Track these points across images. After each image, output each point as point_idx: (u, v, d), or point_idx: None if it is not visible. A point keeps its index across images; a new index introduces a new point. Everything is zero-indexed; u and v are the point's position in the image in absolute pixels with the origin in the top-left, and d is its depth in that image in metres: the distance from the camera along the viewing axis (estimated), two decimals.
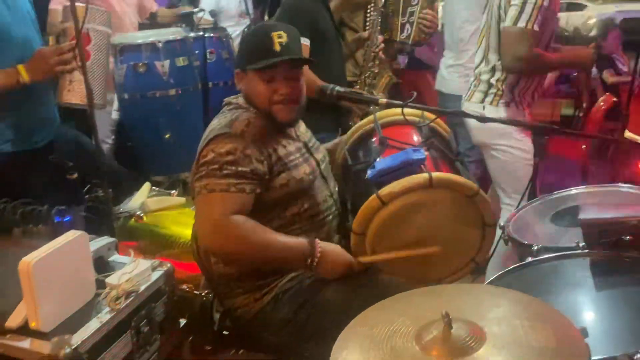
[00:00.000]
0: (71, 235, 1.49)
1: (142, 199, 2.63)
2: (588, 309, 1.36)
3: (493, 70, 2.52)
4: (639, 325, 1.26)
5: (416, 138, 1.97)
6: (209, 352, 1.99)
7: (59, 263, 1.44)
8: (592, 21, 5.19)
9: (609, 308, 1.34)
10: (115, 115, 3.33)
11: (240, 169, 1.68)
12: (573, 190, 1.93)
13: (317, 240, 1.71)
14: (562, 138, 3.87)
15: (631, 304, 1.33)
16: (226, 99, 1.91)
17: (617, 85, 4.71)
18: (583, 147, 4.10)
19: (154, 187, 2.78)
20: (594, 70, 4.96)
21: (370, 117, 2.02)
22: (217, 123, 1.81)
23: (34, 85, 2.18)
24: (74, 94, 2.28)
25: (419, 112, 1.98)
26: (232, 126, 1.74)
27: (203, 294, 2.12)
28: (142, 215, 2.55)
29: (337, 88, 1.80)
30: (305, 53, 2.31)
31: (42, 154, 2.35)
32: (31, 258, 1.37)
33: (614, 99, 4.24)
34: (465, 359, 0.97)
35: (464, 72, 3.17)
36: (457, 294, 1.19)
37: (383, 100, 1.76)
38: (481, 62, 2.58)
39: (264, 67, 1.73)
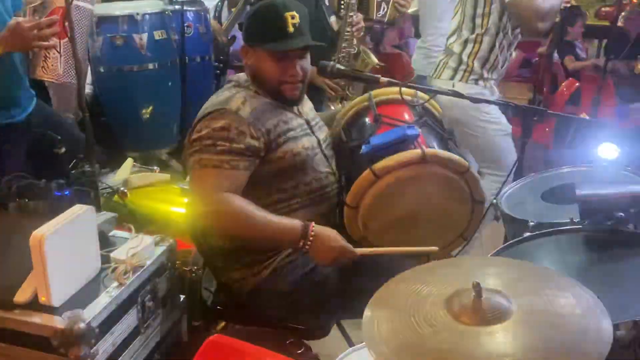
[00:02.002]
0: (79, 209, 1.47)
1: (125, 175, 2.58)
2: (586, 281, 1.44)
3: (465, 43, 2.58)
4: (635, 296, 1.35)
5: (409, 116, 2.01)
6: (200, 327, 2.01)
7: (68, 237, 1.42)
8: None
9: (606, 280, 1.42)
10: (88, 89, 3.22)
11: (234, 145, 1.69)
12: (561, 170, 2.02)
13: (312, 224, 1.71)
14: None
15: (627, 276, 1.42)
16: (229, 77, 1.91)
17: (577, 71, 4.90)
18: (547, 129, 4.28)
19: (135, 164, 2.72)
20: (556, 55, 5.14)
21: (365, 95, 2.05)
22: (214, 99, 1.81)
23: (9, 57, 2.10)
24: (47, 70, 2.21)
25: (412, 91, 2.03)
26: (228, 103, 1.75)
27: (192, 269, 2.13)
28: (126, 191, 2.50)
29: (338, 65, 1.82)
30: None
31: (22, 128, 2.28)
32: (43, 231, 1.34)
33: (576, 84, 4.42)
34: (497, 326, 1.02)
35: (428, 53, 3.24)
36: (477, 266, 1.25)
37: (384, 80, 1.79)
38: (453, 35, 2.64)
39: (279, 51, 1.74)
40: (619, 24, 4.82)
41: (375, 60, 2.97)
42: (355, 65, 2.89)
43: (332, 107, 2.76)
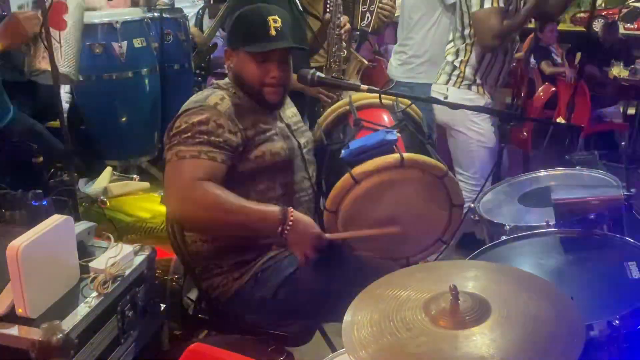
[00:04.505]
0: (57, 219, 1.45)
1: (104, 183, 2.56)
2: (561, 282, 1.47)
3: (457, 52, 2.67)
4: (608, 296, 1.38)
5: (389, 121, 2.03)
6: (181, 336, 2.00)
7: (46, 247, 1.41)
8: None
9: (580, 281, 1.45)
10: (66, 97, 3.20)
11: (212, 138, 1.70)
12: (537, 173, 2.05)
13: (290, 209, 1.71)
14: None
15: (601, 278, 1.45)
16: (212, 81, 1.92)
17: (554, 76, 4.99)
18: (524, 134, 4.34)
19: (114, 172, 2.71)
20: (532, 61, 5.23)
21: (345, 100, 2.07)
22: (194, 98, 1.84)
23: None
24: (48, 60, 2.19)
25: (392, 97, 2.04)
26: (206, 99, 1.78)
27: (173, 278, 2.12)
28: (105, 200, 2.48)
29: (318, 74, 1.84)
30: None
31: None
32: (20, 242, 1.33)
33: (553, 89, 4.50)
34: (474, 329, 1.04)
35: (405, 59, 3.27)
36: (455, 270, 1.26)
37: (364, 87, 1.80)
38: (449, 43, 2.71)
39: (260, 52, 1.76)
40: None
41: (365, 61, 3.00)
42: (348, 70, 2.92)
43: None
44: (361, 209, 1.80)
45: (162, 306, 1.83)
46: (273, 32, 1.76)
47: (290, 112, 2.00)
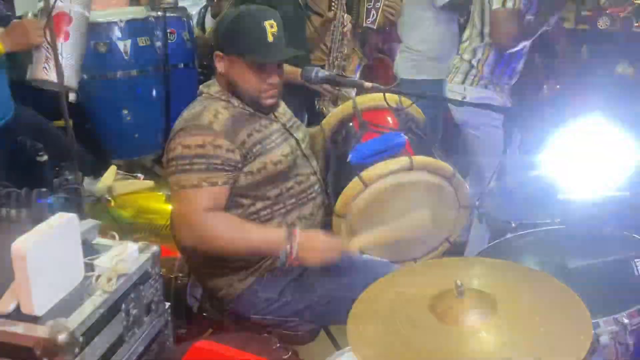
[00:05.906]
0: (62, 217, 1.45)
1: (109, 182, 2.57)
2: (567, 279, 1.46)
3: (474, 51, 2.66)
4: (614, 294, 1.38)
5: (394, 122, 2.02)
6: (185, 335, 2.00)
7: (51, 246, 1.40)
8: None
9: (587, 278, 1.45)
10: (72, 96, 3.20)
11: (211, 161, 1.68)
12: (542, 170, 2.04)
13: (296, 231, 1.69)
14: None
15: (607, 274, 1.45)
16: (200, 87, 1.87)
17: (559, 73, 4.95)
18: None
19: (119, 171, 2.71)
20: (537, 58, 5.20)
21: (349, 103, 2.06)
22: (185, 114, 1.78)
23: None
24: (48, 71, 2.21)
25: (396, 97, 2.03)
26: (199, 117, 1.72)
27: (178, 277, 2.12)
28: (110, 198, 2.49)
29: (322, 71, 1.83)
30: None
31: (1, 135, 2.26)
32: (24, 240, 1.33)
33: (557, 86, 4.47)
34: (480, 325, 1.03)
35: (410, 57, 3.27)
36: (461, 267, 1.26)
37: (368, 85, 1.79)
38: (464, 42, 2.69)
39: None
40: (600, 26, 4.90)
41: (365, 58, 2.99)
42: (348, 67, 2.91)
43: (328, 110, 2.75)
44: (370, 212, 1.80)
45: (167, 305, 1.82)
46: (271, 38, 1.71)
47: (282, 108, 1.95)
